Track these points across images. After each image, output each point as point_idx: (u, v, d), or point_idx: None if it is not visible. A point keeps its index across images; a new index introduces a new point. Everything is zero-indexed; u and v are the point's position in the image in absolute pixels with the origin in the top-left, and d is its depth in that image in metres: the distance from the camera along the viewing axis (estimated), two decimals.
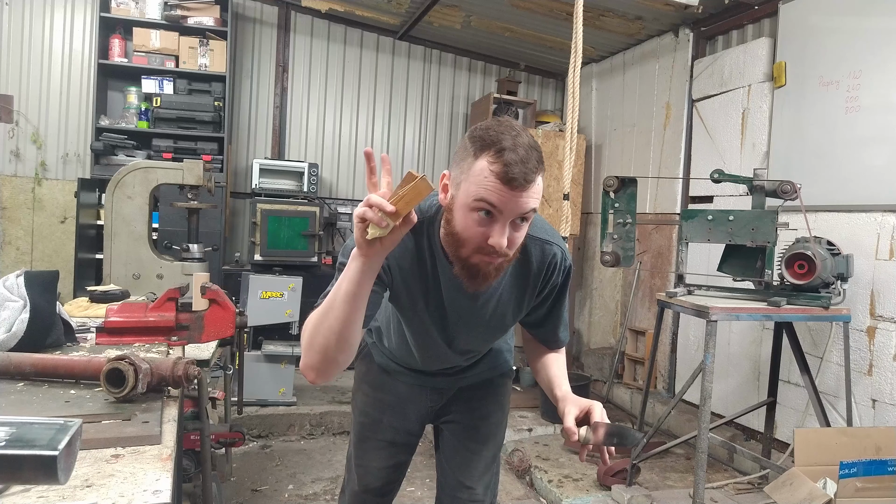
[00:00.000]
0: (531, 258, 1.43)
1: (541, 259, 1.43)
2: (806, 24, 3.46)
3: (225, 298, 1.72)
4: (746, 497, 3.02)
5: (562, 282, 1.48)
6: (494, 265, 1.28)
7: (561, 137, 5.05)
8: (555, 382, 1.50)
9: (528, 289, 1.46)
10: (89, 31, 5.04)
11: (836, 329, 3.12)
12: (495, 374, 1.77)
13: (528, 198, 1.23)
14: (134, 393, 1.27)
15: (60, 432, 0.78)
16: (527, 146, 1.25)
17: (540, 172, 1.26)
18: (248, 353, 3.99)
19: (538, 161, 1.26)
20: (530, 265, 1.43)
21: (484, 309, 1.47)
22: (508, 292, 1.46)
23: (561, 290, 1.50)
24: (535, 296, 1.48)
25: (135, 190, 3.10)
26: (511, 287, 1.45)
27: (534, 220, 1.39)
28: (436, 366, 1.67)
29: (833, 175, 3.26)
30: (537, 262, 1.43)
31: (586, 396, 4.44)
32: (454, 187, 1.28)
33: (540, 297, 1.49)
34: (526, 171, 1.22)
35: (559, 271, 1.46)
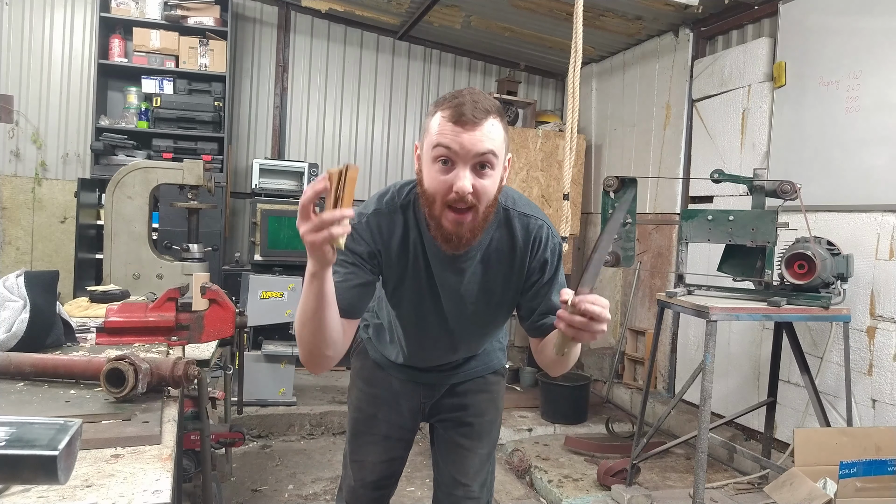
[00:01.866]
0: (516, 232, 1.44)
1: (525, 233, 1.44)
2: (806, 24, 3.46)
3: (225, 298, 1.72)
4: (746, 497, 3.02)
5: (553, 260, 1.46)
6: (466, 224, 1.30)
7: (561, 137, 5.05)
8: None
9: (515, 264, 1.45)
10: (89, 31, 5.04)
11: (836, 329, 3.12)
12: (487, 371, 1.77)
13: (482, 137, 1.25)
14: (134, 393, 1.27)
15: (60, 432, 0.78)
16: (482, 97, 1.29)
17: (494, 116, 1.28)
18: (248, 353, 3.99)
19: (492, 106, 1.29)
20: (515, 240, 1.44)
21: (472, 284, 1.47)
22: (496, 268, 1.46)
23: (554, 271, 1.47)
24: (525, 275, 1.46)
25: (135, 190, 3.10)
26: (497, 262, 1.45)
27: (518, 198, 1.47)
28: (431, 360, 1.68)
29: (833, 175, 3.26)
30: (522, 236, 1.43)
31: (586, 397, 4.46)
32: (421, 150, 1.36)
33: (531, 278, 1.46)
34: (475, 109, 1.26)
35: (545, 247, 1.44)
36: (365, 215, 1.42)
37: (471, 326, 1.59)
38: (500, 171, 1.33)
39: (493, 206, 1.34)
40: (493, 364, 1.79)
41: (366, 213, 1.43)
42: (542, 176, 5.09)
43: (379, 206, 1.44)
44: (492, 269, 1.46)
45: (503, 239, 1.44)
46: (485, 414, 1.77)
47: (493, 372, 1.78)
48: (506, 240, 1.44)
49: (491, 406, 1.78)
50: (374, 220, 1.42)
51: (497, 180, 1.32)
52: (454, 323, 1.56)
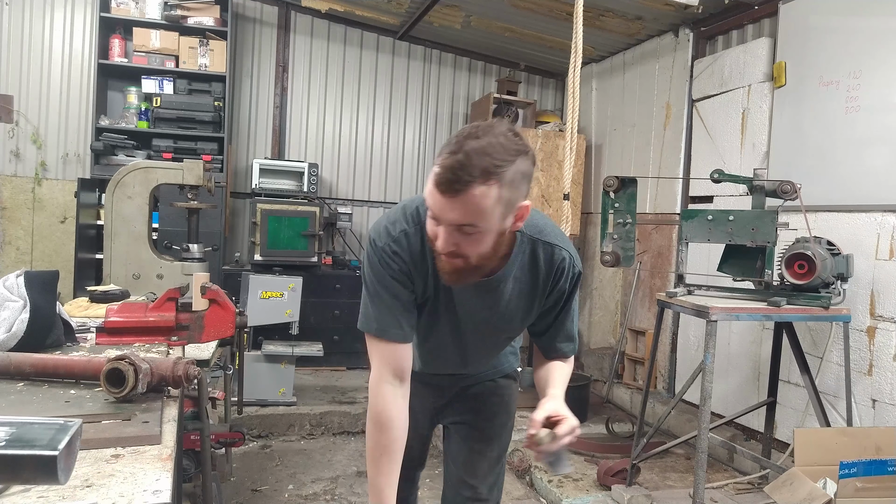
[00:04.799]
0: (539, 261, 1.43)
1: (549, 262, 1.43)
2: (806, 24, 3.46)
3: (225, 298, 1.72)
4: (746, 497, 3.02)
5: (569, 289, 1.47)
6: (458, 268, 1.29)
7: (561, 137, 5.05)
8: (550, 384, 1.55)
9: (536, 293, 1.46)
10: (89, 31, 5.04)
11: (836, 329, 3.12)
12: (498, 375, 1.77)
13: (461, 207, 1.18)
14: (134, 393, 1.27)
15: (60, 432, 0.78)
16: (474, 151, 1.16)
17: (482, 182, 1.16)
18: (248, 353, 3.99)
19: (481, 170, 1.16)
20: (538, 268, 1.43)
21: (492, 308, 1.46)
22: (518, 294, 1.45)
23: (567, 298, 1.49)
24: (547, 299, 1.47)
25: (135, 190, 3.10)
26: (521, 289, 1.45)
27: (544, 226, 1.44)
28: (441, 370, 1.71)
29: (833, 175, 3.26)
30: (546, 264, 1.43)
31: (586, 397, 4.45)
32: None
33: (548, 304, 1.48)
34: (454, 178, 1.16)
35: (567, 277, 1.45)
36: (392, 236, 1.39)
37: (485, 344, 1.62)
38: (497, 229, 1.26)
39: (490, 254, 1.30)
40: (505, 368, 1.79)
41: (393, 233, 1.39)
42: (542, 176, 5.09)
43: (406, 226, 1.40)
44: (513, 296, 1.45)
45: (526, 267, 1.43)
46: (495, 417, 1.78)
47: (504, 376, 1.78)
48: (528, 268, 1.43)
49: (502, 410, 1.78)
50: (403, 240, 1.39)
51: (488, 239, 1.26)
52: (468, 340, 1.57)
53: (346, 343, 5.12)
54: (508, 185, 1.20)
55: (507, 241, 1.35)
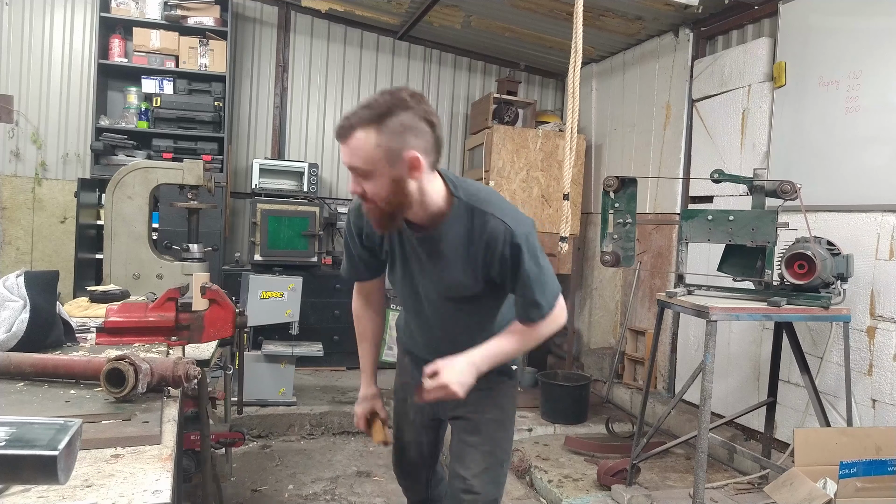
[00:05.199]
0: (474, 228, 1.58)
1: (482, 230, 1.57)
2: (806, 24, 3.46)
3: (225, 298, 1.72)
4: (746, 497, 3.02)
5: (512, 257, 1.56)
6: (369, 210, 1.54)
7: (561, 137, 5.05)
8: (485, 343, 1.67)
9: (469, 253, 1.60)
10: (89, 31, 5.04)
11: (836, 329, 3.12)
12: (492, 372, 1.76)
13: (348, 151, 1.44)
14: (134, 393, 1.27)
15: (60, 432, 0.78)
16: (361, 105, 1.43)
17: (361, 128, 1.40)
18: (248, 353, 3.99)
19: (360, 118, 1.41)
20: (473, 235, 1.58)
21: (434, 266, 1.65)
22: (455, 257, 1.61)
23: (517, 266, 1.57)
24: (484, 266, 1.60)
25: (135, 190, 3.10)
26: (458, 253, 1.60)
27: (488, 198, 1.61)
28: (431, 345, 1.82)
29: (833, 175, 3.26)
30: (479, 231, 1.57)
31: (586, 397, 4.45)
32: None
33: (491, 270, 1.60)
34: (341, 125, 1.43)
35: (502, 245, 1.55)
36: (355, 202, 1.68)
37: (446, 308, 1.72)
38: (386, 175, 1.44)
39: (396, 202, 1.49)
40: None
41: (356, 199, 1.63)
42: (542, 176, 5.08)
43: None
44: (451, 258, 1.61)
45: (462, 232, 1.59)
46: (484, 411, 1.81)
47: (497, 373, 1.78)
48: (464, 233, 1.59)
49: (489, 403, 1.81)
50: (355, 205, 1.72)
51: (383, 184, 1.45)
52: (430, 303, 1.73)
53: (346, 343, 5.12)
54: (389, 132, 1.41)
55: (434, 200, 1.54)
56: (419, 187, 1.50)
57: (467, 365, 1.59)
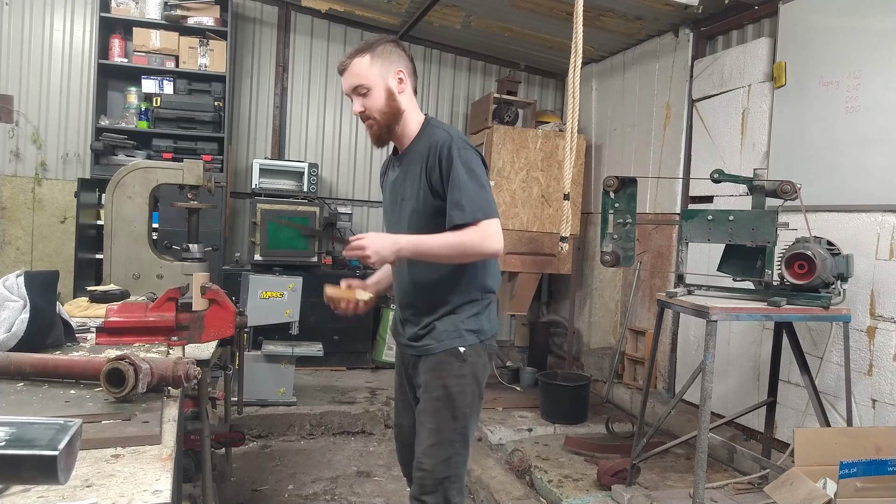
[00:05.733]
0: (422, 141, 1.89)
1: (429, 141, 1.87)
2: (806, 24, 3.46)
3: (225, 298, 1.72)
4: (746, 497, 3.02)
5: (446, 158, 1.79)
6: (373, 130, 1.90)
7: (561, 137, 5.05)
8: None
9: (422, 166, 1.86)
10: (89, 31, 5.04)
11: (836, 329, 3.12)
12: (440, 349, 1.90)
13: (349, 76, 1.86)
14: (134, 393, 1.27)
15: (60, 432, 0.78)
16: (355, 48, 1.88)
17: (357, 55, 1.85)
18: (248, 353, 3.99)
19: (355, 51, 1.86)
20: (426, 147, 1.86)
21: (400, 182, 1.94)
22: (415, 166, 1.89)
23: (448, 168, 1.79)
24: (427, 174, 1.84)
25: (135, 190, 3.10)
26: (415, 164, 1.89)
27: (447, 125, 1.92)
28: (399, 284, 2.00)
29: (833, 175, 3.26)
30: (427, 142, 1.87)
31: (586, 396, 4.45)
32: None
33: (434, 174, 1.82)
34: (342, 62, 1.88)
35: (442, 146, 1.81)
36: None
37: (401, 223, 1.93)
38: (381, 87, 1.85)
39: (390, 112, 1.86)
40: (446, 343, 1.90)
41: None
42: (542, 176, 5.08)
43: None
44: (413, 169, 1.89)
45: (423, 146, 1.88)
46: (430, 390, 1.90)
47: (444, 350, 1.89)
48: (424, 148, 1.87)
49: (436, 382, 1.89)
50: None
51: (379, 95, 1.84)
52: (395, 224, 1.96)
53: (346, 343, 5.12)
54: (379, 54, 1.85)
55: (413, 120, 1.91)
56: (406, 102, 1.89)
57: (390, 240, 1.77)
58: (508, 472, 3.46)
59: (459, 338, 1.90)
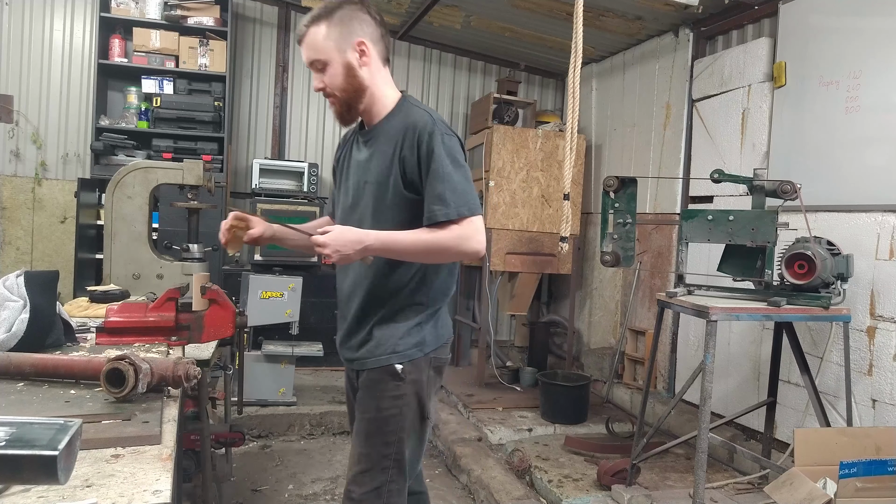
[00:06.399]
0: (397, 119, 1.68)
1: (406, 120, 1.65)
2: (806, 24, 3.46)
3: (225, 298, 1.72)
4: (746, 497, 3.02)
5: (427, 143, 1.59)
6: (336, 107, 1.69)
7: (561, 137, 5.04)
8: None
9: (395, 148, 1.64)
10: (89, 31, 5.04)
11: (836, 329, 3.12)
12: (377, 364, 1.70)
13: (305, 49, 1.65)
14: (134, 393, 1.27)
15: (60, 432, 0.78)
16: (311, 14, 1.64)
17: (312, 25, 1.62)
18: (248, 353, 3.99)
19: (311, 18, 1.63)
20: (401, 127, 1.65)
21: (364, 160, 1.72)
22: (385, 145, 1.67)
23: (429, 157, 1.59)
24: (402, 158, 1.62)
25: (135, 190, 3.10)
26: (386, 141, 1.67)
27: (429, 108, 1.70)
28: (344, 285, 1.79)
29: (833, 175, 3.26)
30: (404, 122, 1.65)
31: (586, 397, 4.45)
32: None
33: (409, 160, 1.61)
34: (298, 30, 1.66)
35: (422, 130, 1.60)
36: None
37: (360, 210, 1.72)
38: (339, 62, 1.63)
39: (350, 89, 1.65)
40: (381, 358, 1.70)
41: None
42: (542, 176, 5.08)
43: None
44: (381, 150, 1.68)
45: (398, 123, 1.67)
46: (363, 410, 1.72)
47: (381, 367, 1.69)
48: (400, 126, 1.66)
49: (369, 402, 1.70)
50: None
51: (337, 71, 1.63)
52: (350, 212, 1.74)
53: None
54: (336, 23, 1.62)
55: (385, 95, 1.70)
56: (370, 77, 1.67)
57: (355, 237, 1.56)
58: (508, 472, 3.46)
59: (395, 353, 1.68)
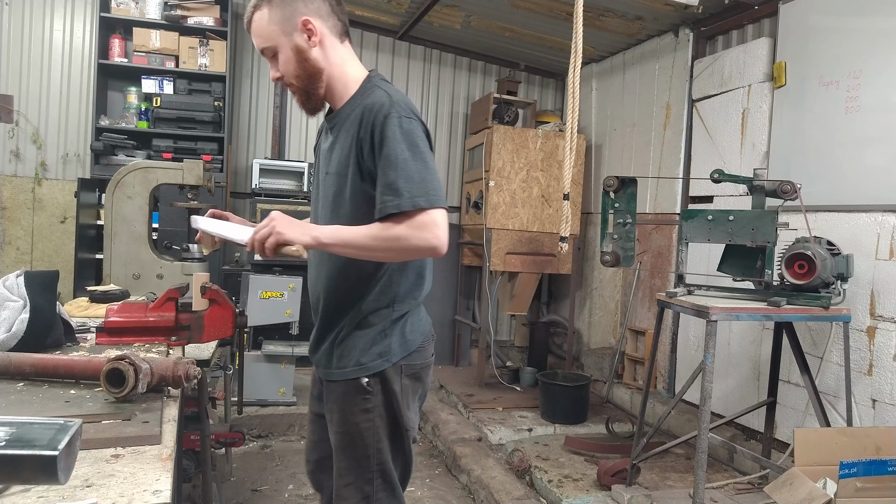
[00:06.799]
0: (356, 103, 1.55)
1: (364, 103, 1.52)
2: (806, 24, 3.46)
3: (225, 298, 1.72)
4: (746, 497, 3.02)
5: (382, 125, 1.44)
6: (297, 96, 1.60)
7: (561, 137, 5.05)
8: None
9: (353, 136, 1.52)
10: (89, 31, 5.04)
11: (836, 329, 3.12)
12: (342, 377, 1.60)
13: (254, 37, 1.55)
14: (134, 393, 1.27)
15: (60, 432, 0.78)
16: None
17: (256, 11, 1.53)
18: (248, 353, 3.99)
19: (254, 5, 1.53)
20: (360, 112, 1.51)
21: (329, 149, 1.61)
22: (346, 132, 1.55)
23: (382, 140, 1.43)
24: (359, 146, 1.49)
25: (135, 190, 3.10)
26: (348, 129, 1.55)
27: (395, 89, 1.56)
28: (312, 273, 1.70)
29: (833, 175, 3.26)
30: (363, 105, 1.52)
31: (586, 397, 4.45)
32: None
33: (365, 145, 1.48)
34: (245, 17, 1.56)
35: (378, 111, 1.46)
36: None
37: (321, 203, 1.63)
38: (287, 46, 1.52)
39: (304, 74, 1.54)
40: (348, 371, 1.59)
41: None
42: (542, 176, 5.08)
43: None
44: (341, 139, 1.57)
45: (355, 108, 1.54)
46: (337, 424, 1.63)
47: (348, 379, 1.59)
48: (357, 112, 1.53)
49: (341, 416, 1.61)
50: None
51: (288, 56, 1.53)
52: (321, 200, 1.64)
53: None
54: (278, 4, 1.51)
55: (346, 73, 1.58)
56: (325, 56, 1.55)
57: (303, 224, 1.45)
58: (508, 472, 3.46)
59: (359, 366, 1.58)
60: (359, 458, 1.60)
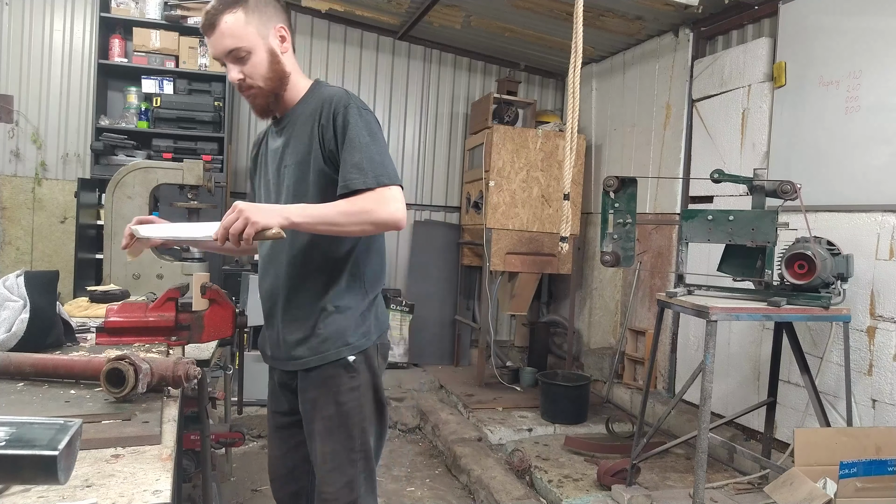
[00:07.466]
0: (312, 100, 1.66)
1: (318, 98, 1.64)
2: (806, 24, 3.46)
3: (225, 298, 1.71)
4: (746, 497, 3.02)
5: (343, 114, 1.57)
6: (256, 100, 1.64)
7: (561, 137, 5.05)
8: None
9: (313, 125, 1.61)
10: (89, 31, 5.04)
11: (836, 329, 3.12)
12: (326, 360, 1.65)
13: (220, 37, 1.55)
14: (134, 393, 1.27)
15: (60, 432, 0.78)
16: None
17: (226, 12, 1.54)
18: (248, 353, 3.99)
19: (226, 3, 1.54)
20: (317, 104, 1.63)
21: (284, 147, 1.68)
22: (301, 129, 1.64)
23: (345, 127, 1.56)
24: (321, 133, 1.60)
25: (135, 190, 3.10)
26: (303, 124, 1.64)
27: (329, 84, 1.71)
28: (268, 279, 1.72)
29: (833, 175, 3.26)
30: (320, 99, 1.63)
31: (586, 396, 4.44)
32: None
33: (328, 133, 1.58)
34: (207, 18, 1.56)
35: (338, 103, 1.59)
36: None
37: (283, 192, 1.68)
38: (263, 48, 1.58)
39: (275, 76, 1.61)
40: (331, 353, 1.64)
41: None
42: (542, 176, 5.08)
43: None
44: (298, 132, 1.65)
45: (314, 105, 1.64)
46: (320, 409, 1.66)
47: (331, 363, 1.64)
48: (314, 106, 1.63)
49: (326, 399, 1.65)
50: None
51: (262, 58, 1.58)
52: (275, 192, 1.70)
53: None
54: (254, 8, 1.57)
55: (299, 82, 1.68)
56: (291, 63, 1.66)
57: (271, 207, 1.48)
58: (508, 472, 3.46)
59: (346, 346, 1.63)
60: (344, 440, 1.66)
